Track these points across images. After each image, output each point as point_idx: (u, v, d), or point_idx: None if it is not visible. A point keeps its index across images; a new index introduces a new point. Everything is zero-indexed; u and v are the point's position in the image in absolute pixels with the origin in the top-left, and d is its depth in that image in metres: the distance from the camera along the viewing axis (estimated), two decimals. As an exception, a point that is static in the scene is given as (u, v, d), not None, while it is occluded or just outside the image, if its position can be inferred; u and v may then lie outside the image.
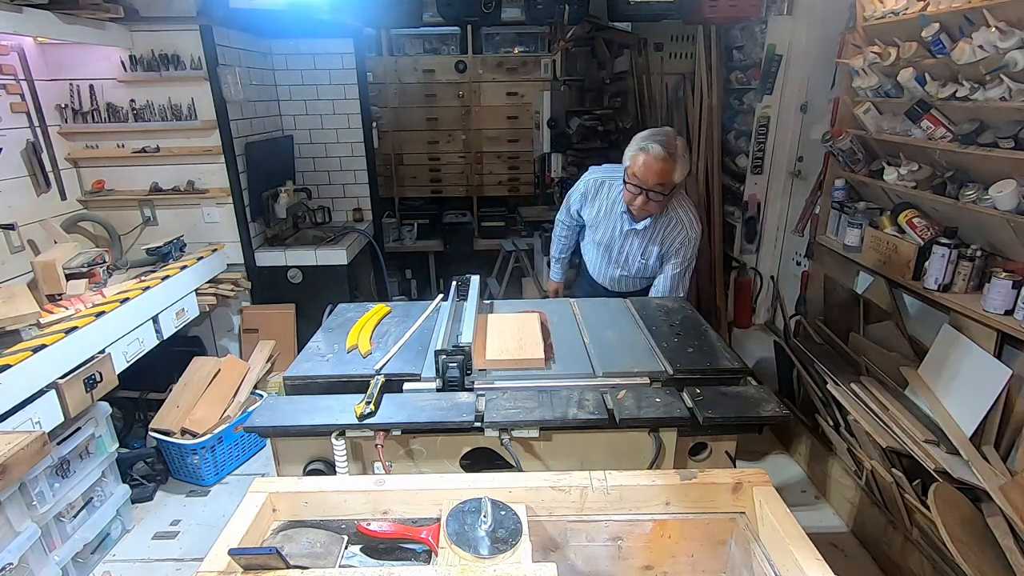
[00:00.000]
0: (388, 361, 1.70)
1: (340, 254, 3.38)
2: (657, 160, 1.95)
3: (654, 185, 1.99)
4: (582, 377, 1.66)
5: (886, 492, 2.13)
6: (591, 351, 1.80)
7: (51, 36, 2.40)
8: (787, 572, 1.05)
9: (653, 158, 1.95)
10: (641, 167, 1.98)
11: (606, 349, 1.81)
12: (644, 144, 1.99)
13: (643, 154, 1.97)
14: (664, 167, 1.96)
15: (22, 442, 1.62)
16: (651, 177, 1.98)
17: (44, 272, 2.40)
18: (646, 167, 1.97)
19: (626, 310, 2.14)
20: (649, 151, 1.96)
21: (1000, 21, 1.81)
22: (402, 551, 1.16)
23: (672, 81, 4.04)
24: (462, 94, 4.38)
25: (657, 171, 1.96)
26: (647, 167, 1.97)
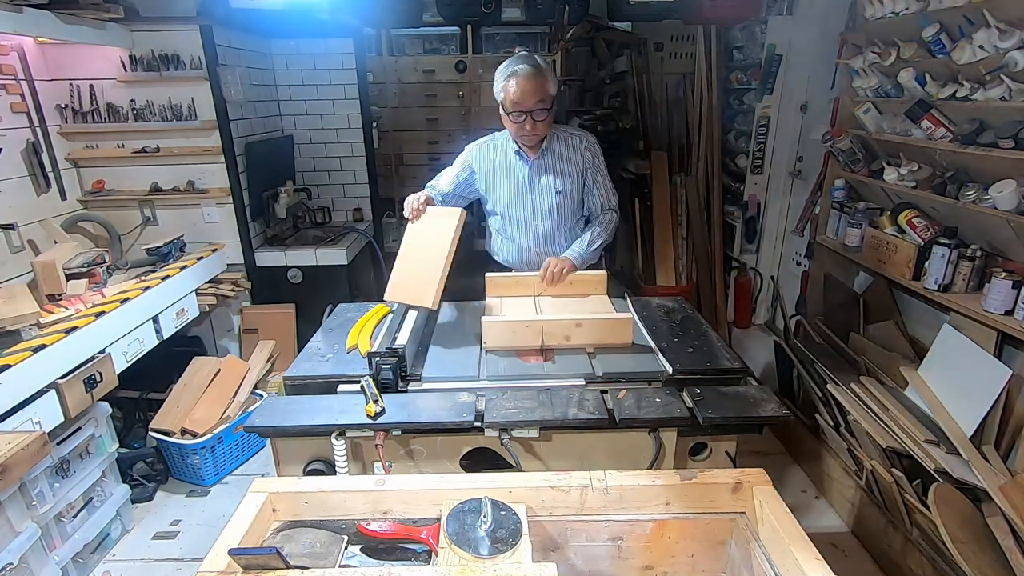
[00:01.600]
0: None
1: (340, 254, 3.38)
2: (529, 78, 1.95)
3: (535, 104, 1.98)
4: (582, 377, 1.67)
5: (886, 492, 2.13)
6: (593, 355, 1.80)
7: (51, 36, 2.40)
8: (787, 572, 1.05)
9: (524, 78, 1.95)
10: (517, 91, 1.97)
11: (606, 349, 1.81)
12: (511, 69, 1.98)
13: (514, 78, 1.97)
14: (538, 82, 1.96)
15: (22, 442, 1.62)
16: (529, 97, 1.97)
17: (44, 272, 2.39)
18: (522, 89, 1.96)
19: (626, 309, 2.14)
20: (519, 73, 1.96)
21: (1000, 21, 1.81)
22: (402, 551, 1.16)
23: (672, 81, 4.04)
24: (462, 94, 4.38)
25: (532, 88, 1.96)
26: (523, 89, 1.96)
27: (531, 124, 2.03)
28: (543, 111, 2.01)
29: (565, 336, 1.81)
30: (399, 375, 1.62)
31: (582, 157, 2.18)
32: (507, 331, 1.82)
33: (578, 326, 1.80)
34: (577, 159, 2.18)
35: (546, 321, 1.81)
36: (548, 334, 1.80)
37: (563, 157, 2.17)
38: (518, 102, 1.99)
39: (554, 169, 2.18)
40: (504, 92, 2.01)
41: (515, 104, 2.00)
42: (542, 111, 2.00)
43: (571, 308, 2.04)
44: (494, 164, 2.22)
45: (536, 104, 1.98)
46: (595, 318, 1.84)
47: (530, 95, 1.97)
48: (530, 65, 1.96)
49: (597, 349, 1.81)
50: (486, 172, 2.24)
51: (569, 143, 2.18)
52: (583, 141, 2.19)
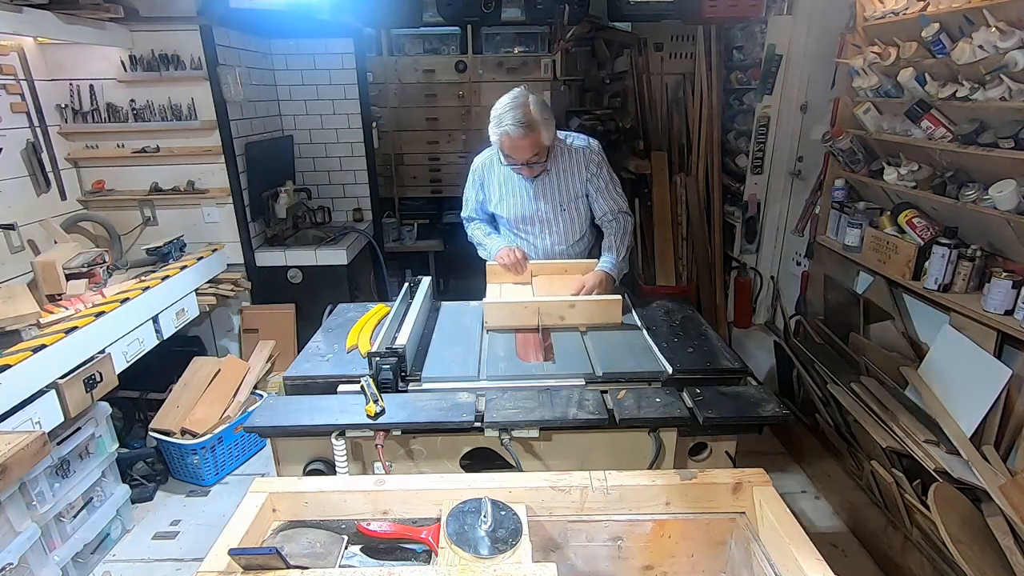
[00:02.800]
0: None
1: (340, 254, 3.38)
2: (520, 138, 1.93)
3: (529, 158, 1.99)
4: (582, 377, 1.67)
5: (886, 492, 2.13)
6: (591, 351, 1.80)
7: (51, 36, 2.40)
8: (787, 572, 1.05)
9: (515, 138, 1.93)
10: (509, 148, 1.98)
11: (605, 346, 1.81)
12: (502, 126, 1.95)
13: (506, 137, 1.95)
14: (529, 140, 1.94)
15: (22, 442, 1.62)
16: (524, 153, 1.97)
17: (44, 272, 2.39)
18: (513, 147, 1.96)
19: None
20: (509, 133, 1.93)
21: (1000, 21, 1.81)
22: (402, 551, 1.16)
23: (672, 81, 4.04)
24: (462, 94, 4.38)
25: (525, 146, 1.95)
26: (514, 147, 1.96)
27: (528, 169, 2.05)
28: (538, 161, 2.01)
29: (560, 316, 1.94)
30: (399, 375, 1.62)
31: (585, 167, 2.17)
32: (506, 311, 1.93)
33: (571, 307, 1.93)
34: (580, 171, 2.17)
35: (542, 302, 1.94)
36: (544, 314, 1.92)
37: (566, 171, 2.16)
38: (511, 156, 2.01)
39: (557, 185, 2.17)
40: (499, 145, 2.02)
41: (508, 157, 2.02)
42: (537, 161, 2.01)
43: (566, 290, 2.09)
44: (499, 181, 2.23)
45: (532, 157, 1.99)
46: (587, 299, 1.96)
47: (524, 152, 1.97)
48: (519, 125, 1.91)
49: (589, 327, 1.93)
50: (491, 189, 2.26)
51: (571, 157, 2.16)
52: (585, 152, 2.16)
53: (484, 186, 2.28)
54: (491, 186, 2.25)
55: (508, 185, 2.21)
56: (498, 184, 2.23)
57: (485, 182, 2.27)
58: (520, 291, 2.13)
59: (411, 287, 2.17)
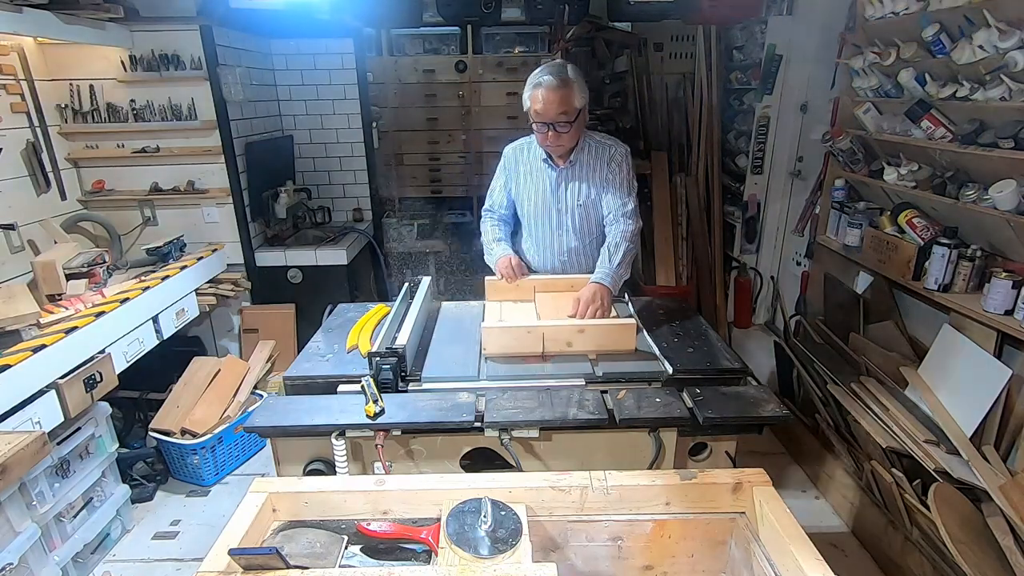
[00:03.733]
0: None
1: (340, 254, 3.38)
2: (552, 90, 1.92)
3: (557, 116, 1.96)
4: (582, 377, 1.67)
5: (886, 492, 2.13)
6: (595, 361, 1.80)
7: (51, 36, 2.40)
8: (787, 572, 1.05)
9: (548, 89, 1.93)
10: (541, 102, 1.95)
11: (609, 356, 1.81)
12: (537, 79, 1.96)
13: (539, 89, 1.95)
14: (561, 94, 1.93)
15: (22, 442, 1.62)
16: (552, 108, 1.94)
17: (44, 272, 2.39)
18: (545, 100, 1.94)
19: (625, 309, 2.14)
20: (543, 84, 1.94)
21: (1000, 21, 1.81)
22: (402, 551, 1.16)
23: (672, 81, 4.04)
24: (462, 94, 4.37)
25: (556, 100, 1.93)
26: (546, 100, 1.94)
27: (554, 135, 2.01)
28: (566, 123, 1.98)
29: (567, 342, 1.78)
30: (399, 375, 1.62)
31: (606, 164, 2.13)
32: (507, 337, 1.77)
33: (580, 332, 1.77)
34: (603, 169, 2.13)
35: (547, 327, 1.77)
36: (549, 340, 1.77)
37: (591, 167, 2.13)
38: (540, 112, 1.97)
39: (580, 178, 2.14)
40: (531, 101, 2.00)
41: (538, 114, 1.99)
42: (565, 123, 1.98)
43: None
44: (523, 168, 2.21)
45: (558, 116, 1.96)
46: (598, 323, 1.80)
47: (553, 107, 1.94)
48: (556, 76, 1.93)
49: (600, 356, 1.77)
50: (515, 175, 2.24)
51: (599, 152, 2.13)
52: (613, 150, 2.13)
53: (511, 171, 2.25)
54: (517, 171, 2.23)
55: (533, 174, 2.20)
56: (524, 171, 2.22)
57: (512, 167, 2.25)
58: (522, 312, 2.02)
59: (411, 287, 2.17)
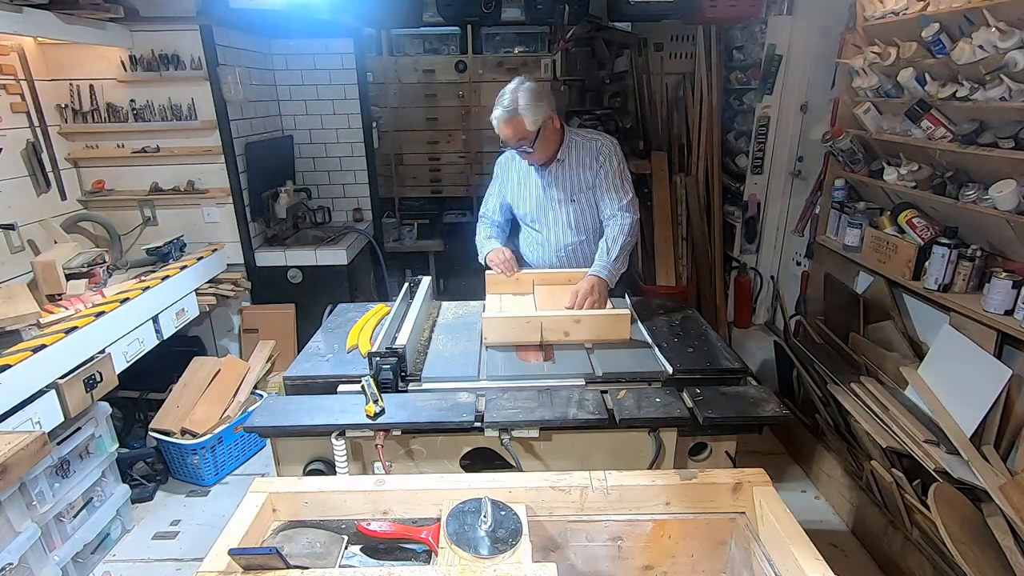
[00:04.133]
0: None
1: (340, 254, 3.38)
2: (504, 123, 2.02)
3: (517, 144, 2.07)
4: (582, 377, 1.67)
5: (886, 492, 2.13)
6: (592, 353, 1.80)
7: (51, 36, 2.40)
8: (787, 572, 1.05)
9: (500, 121, 2.03)
10: (499, 132, 2.07)
11: (607, 351, 1.81)
12: (494, 112, 2.05)
13: (495, 121, 2.06)
14: (512, 125, 2.01)
15: (22, 442, 1.62)
16: (509, 137, 2.05)
17: (44, 272, 2.39)
18: (501, 131, 2.05)
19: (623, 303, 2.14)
20: (495, 117, 2.04)
21: (1000, 21, 1.81)
22: (402, 551, 1.16)
23: (672, 81, 4.04)
24: (462, 94, 4.37)
25: (509, 131, 2.03)
26: (501, 131, 2.05)
27: (523, 153, 2.12)
28: (528, 144, 2.06)
29: (564, 332, 1.85)
30: (399, 375, 1.62)
31: (594, 159, 2.18)
32: (507, 327, 1.85)
33: (577, 322, 1.84)
34: (592, 165, 2.18)
35: (545, 317, 1.85)
36: (547, 330, 1.84)
37: (577, 165, 2.19)
38: (502, 140, 2.09)
39: (568, 177, 2.20)
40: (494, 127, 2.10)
41: (503, 142, 2.11)
42: (526, 145, 2.07)
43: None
44: (516, 174, 2.30)
45: (518, 143, 2.06)
46: (593, 314, 1.87)
47: (510, 136, 2.04)
48: (504, 110, 2.01)
49: (596, 344, 1.84)
50: (509, 183, 2.33)
51: (585, 149, 2.18)
52: (597, 145, 2.18)
53: (504, 179, 2.35)
54: (509, 178, 2.33)
55: (524, 178, 2.28)
56: (515, 177, 2.31)
57: (505, 175, 2.35)
58: (521, 304, 2.08)
59: (411, 287, 2.17)
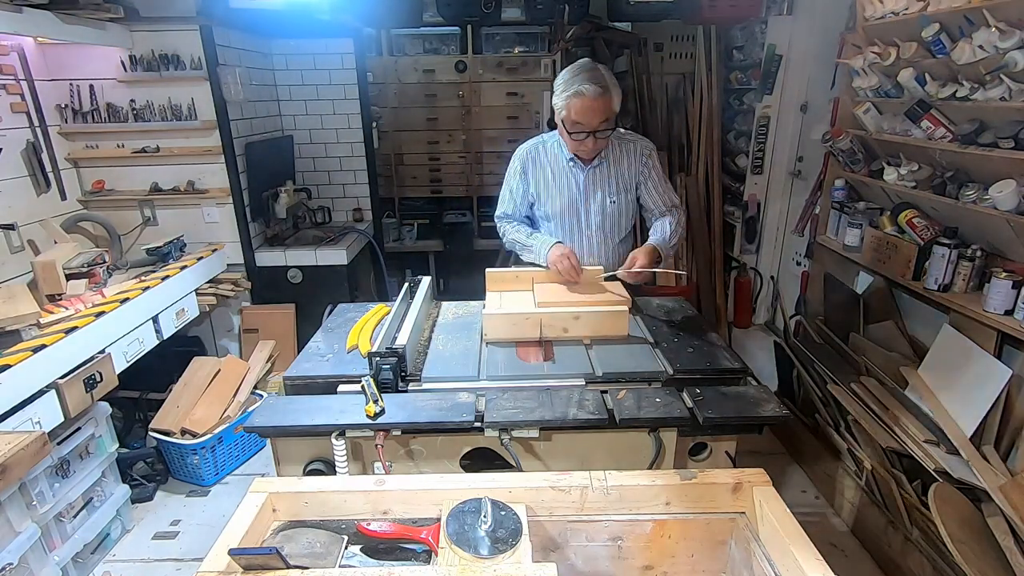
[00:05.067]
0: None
1: (340, 254, 3.38)
2: (595, 99, 1.86)
3: (599, 124, 1.92)
4: (582, 377, 1.67)
5: (886, 492, 2.13)
6: (591, 351, 1.80)
7: (51, 36, 2.40)
8: (787, 572, 1.05)
9: (591, 98, 1.86)
10: (582, 111, 1.89)
11: (606, 349, 1.81)
12: (576, 88, 1.87)
13: (578, 98, 1.87)
14: (603, 102, 1.88)
15: (22, 442, 1.62)
16: (595, 117, 1.89)
17: (44, 272, 2.39)
18: (588, 110, 1.88)
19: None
20: (584, 93, 1.86)
21: (1000, 21, 1.81)
22: (402, 551, 1.16)
23: (672, 81, 4.04)
24: (462, 94, 4.37)
25: (599, 108, 1.88)
26: (589, 109, 1.88)
27: (593, 142, 1.97)
28: (607, 129, 1.95)
29: (563, 328, 1.86)
30: (399, 375, 1.62)
31: (638, 158, 2.11)
32: (507, 323, 1.86)
33: (576, 319, 1.85)
34: (634, 165, 2.11)
35: (545, 313, 1.86)
36: (547, 326, 1.85)
37: (620, 164, 2.11)
38: (582, 122, 1.92)
39: (610, 177, 2.11)
40: (567, 110, 1.92)
41: (578, 124, 1.93)
42: (606, 130, 1.95)
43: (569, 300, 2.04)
44: (547, 170, 2.15)
45: (600, 124, 1.92)
46: (592, 311, 1.88)
47: (596, 116, 1.89)
48: (596, 84, 1.86)
49: (594, 340, 1.85)
50: (538, 178, 2.17)
51: (626, 149, 2.11)
52: (639, 146, 2.11)
53: (528, 175, 2.17)
54: (537, 176, 2.16)
55: (558, 175, 2.13)
56: (547, 174, 2.15)
57: (530, 171, 2.17)
58: (521, 300, 2.07)
59: (411, 287, 2.17)
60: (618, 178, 2.12)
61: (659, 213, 2.17)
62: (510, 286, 2.18)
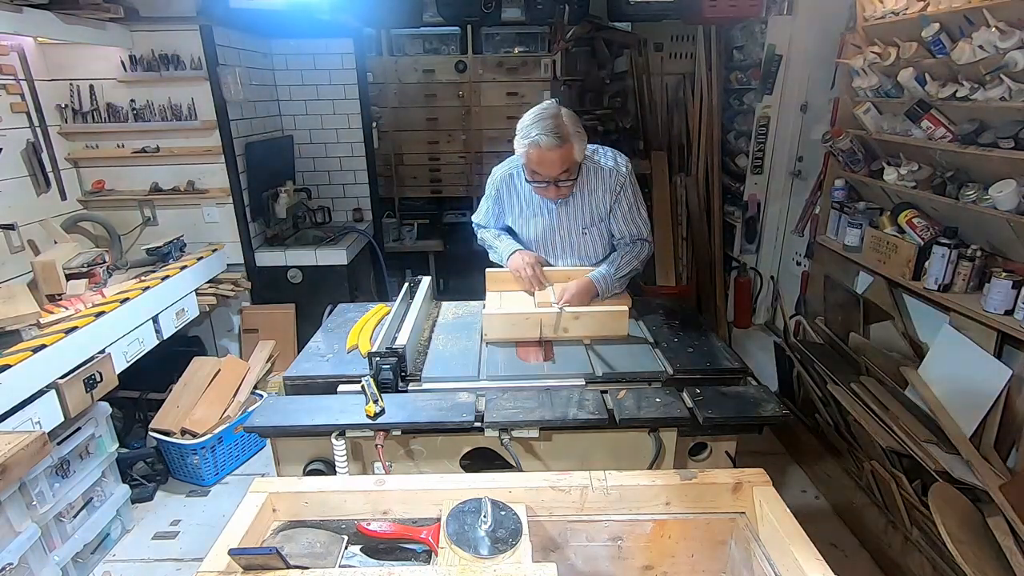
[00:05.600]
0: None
1: (340, 254, 3.38)
2: (551, 151, 1.79)
3: (560, 174, 1.85)
4: (582, 377, 1.67)
5: (886, 492, 2.13)
6: (591, 351, 1.80)
7: (51, 36, 2.40)
8: (787, 572, 1.05)
9: (546, 150, 1.78)
10: (540, 162, 1.83)
11: (606, 349, 1.81)
12: (532, 137, 1.80)
13: (535, 149, 1.80)
14: (563, 153, 1.80)
15: (22, 442, 1.62)
16: (553, 168, 1.83)
17: (44, 272, 2.39)
18: (543, 161, 1.82)
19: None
20: (540, 144, 1.78)
21: (1000, 21, 1.81)
22: (402, 551, 1.16)
23: (672, 81, 4.04)
24: (462, 94, 4.37)
25: (556, 160, 1.81)
26: (544, 161, 1.81)
27: (555, 190, 1.91)
28: (568, 180, 1.89)
29: (563, 328, 1.86)
30: (399, 375, 1.62)
31: (611, 190, 2.02)
32: (507, 323, 1.86)
33: (575, 319, 1.86)
34: (607, 194, 2.03)
35: (544, 313, 1.86)
36: (547, 326, 1.86)
37: (594, 195, 2.03)
38: (540, 174, 1.87)
39: (582, 210, 2.05)
40: (526, 159, 1.87)
41: (536, 174, 1.88)
42: (567, 180, 1.89)
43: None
44: (520, 199, 2.11)
45: (561, 175, 1.86)
46: (592, 311, 1.88)
47: (554, 166, 1.83)
48: (555, 136, 1.77)
49: (594, 340, 1.86)
50: (511, 206, 2.14)
51: (600, 177, 2.01)
52: (612, 173, 2.01)
53: (503, 202, 2.15)
54: (511, 203, 2.13)
55: (530, 204, 2.09)
56: (519, 202, 2.11)
57: (504, 198, 2.14)
58: (521, 300, 2.07)
59: (411, 287, 2.17)
60: (591, 210, 2.05)
61: (627, 241, 2.11)
62: (510, 286, 2.18)
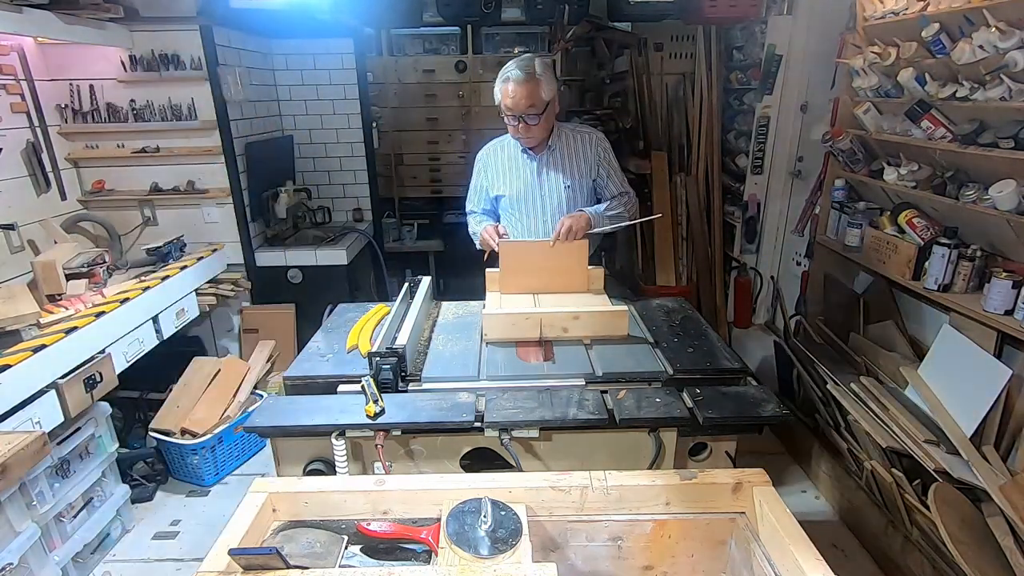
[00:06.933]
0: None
1: (340, 254, 3.38)
2: (520, 84, 2.00)
3: (526, 109, 2.03)
4: (582, 377, 1.67)
5: (886, 492, 2.13)
6: (591, 351, 1.81)
7: (51, 36, 2.40)
8: (787, 572, 1.05)
9: (516, 83, 2.00)
10: (510, 95, 2.03)
11: (606, 349, 1.81)
12: (506, 74, 2.04)
13: (507, 83, 2.03)
14: (528, 88, 2.00)
15: (22, 442, 1.62)
16: (521, 102, 2.02)
17: (44, 272, 2.39)
18: (514, 95, 2.02)
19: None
20: (511, 78, 2.01)
21: (1000, 21, 1.81)
22: (402, 551, 1.16)
23: (672, 81, 4.04)
24: (462, 94, 4.37)
25: (524, 93, 2.00)
26: (515, 94, 2.01)
27: (524, 126, 2.09)
28: (535, 115, 2.06)
29: (563, 328, 1.87)
30: (399, 375, 1.62)
31: (591, 151, 2.24)
32: (507, 323, 1.86)
33: (575, 318, 1.86)
34: (586, 154, 2.24)
35: (544, 313, 1.87)
36: (547, 326, 1.86)
37: (571, 153, 2.24)
38: (510, 106, 2.05)
39: (562, 164, 2.24)
40: (500, 95, 2.07)
41: (508, 108, 2.06)
42: (534, 115, 2.06)
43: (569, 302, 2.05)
44: (502, 162, 2.30)
45: (527, 109, 2.04)
46: (592, 310, 1.89)
47: (522, 100, 2.02)
48: (522, 71, 2.00)
49: (594, 340, 1.86)
50: (494, 170, 2.31)
51: (577, 139, 2.24)
52: (591, 137, 2.25)
53: (487, 170, 2.33)
54: (495, 168, 2.31)
55: (513, 165, 2.27)
56: (502, 165, 2.29)
57: (488, 166, 2.33)
58: (521, 300, 2.08)
59: (411, 287, 2.17)
60: (574, 165, 2.24)
61: (614, 194, 2.29)
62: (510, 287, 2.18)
